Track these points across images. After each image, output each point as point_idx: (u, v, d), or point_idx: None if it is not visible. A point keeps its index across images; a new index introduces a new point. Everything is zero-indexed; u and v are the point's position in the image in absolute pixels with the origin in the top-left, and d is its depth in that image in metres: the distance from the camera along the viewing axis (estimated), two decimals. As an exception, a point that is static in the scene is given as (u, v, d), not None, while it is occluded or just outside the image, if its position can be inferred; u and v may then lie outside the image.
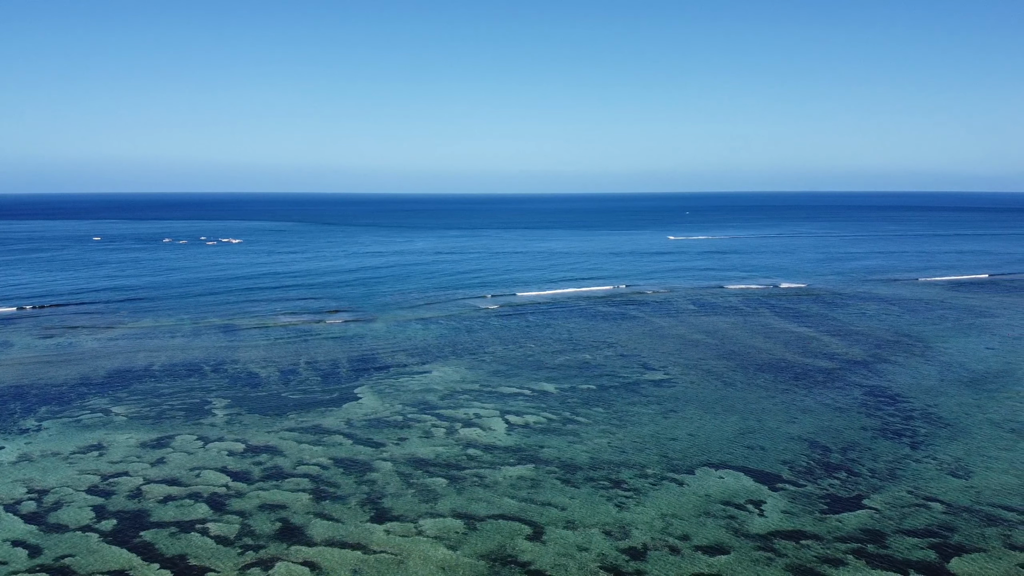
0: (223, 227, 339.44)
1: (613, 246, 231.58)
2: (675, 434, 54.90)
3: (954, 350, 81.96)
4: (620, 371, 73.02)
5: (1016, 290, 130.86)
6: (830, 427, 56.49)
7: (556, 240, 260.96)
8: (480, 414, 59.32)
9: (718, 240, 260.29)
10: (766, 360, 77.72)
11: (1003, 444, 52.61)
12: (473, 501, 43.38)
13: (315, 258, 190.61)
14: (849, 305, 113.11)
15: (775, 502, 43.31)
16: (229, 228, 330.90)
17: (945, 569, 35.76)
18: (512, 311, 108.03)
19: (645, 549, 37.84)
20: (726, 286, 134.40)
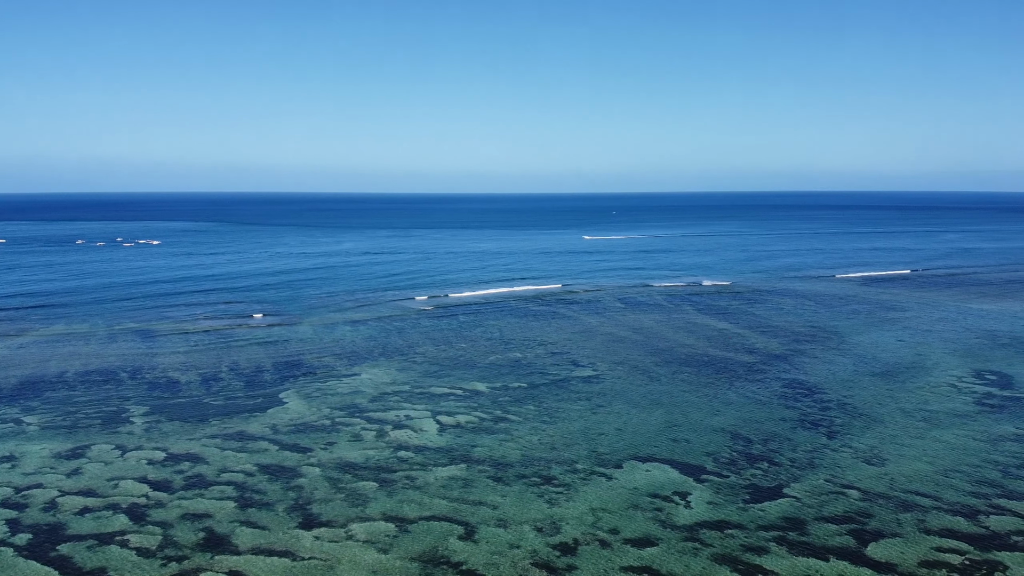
0: (141, 228, 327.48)
1: (543, 245, 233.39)
2: (604, 429, 55.73)
3: (867, 343, 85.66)
4: (550, 369, 73.67)
5: (925, 285, 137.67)
6: (751, 419, 58.30)
7: (487, 240, 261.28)
8: (411, 415, 58.95)
9: (633, 240, 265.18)
10: (690, 355, 79.64)
11: (915, 432, 55.24)
12: (404, 503, 43.08)
13: (238, 260, 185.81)
14: (768, 301, 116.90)
15: (700, 493, 44.45)
16: (148, 229, 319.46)
17: (863, 554, 37.33)
18: (443, 312, 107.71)
19: (576, 544, 38.30)
20: (652, 284, 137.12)
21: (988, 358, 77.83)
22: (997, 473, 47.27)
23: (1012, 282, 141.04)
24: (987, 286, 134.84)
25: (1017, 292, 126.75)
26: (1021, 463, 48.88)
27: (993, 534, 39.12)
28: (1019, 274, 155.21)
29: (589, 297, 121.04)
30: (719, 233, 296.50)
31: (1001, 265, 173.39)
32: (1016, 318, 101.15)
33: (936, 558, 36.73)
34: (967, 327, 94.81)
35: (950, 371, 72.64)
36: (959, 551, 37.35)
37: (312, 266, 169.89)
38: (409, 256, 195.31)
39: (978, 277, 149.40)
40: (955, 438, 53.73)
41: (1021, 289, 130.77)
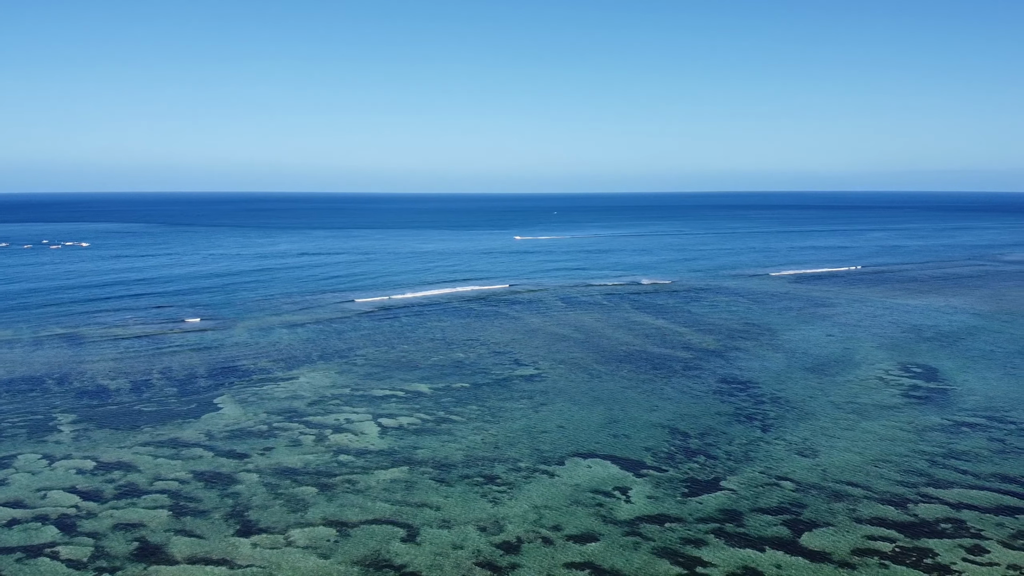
0: (70, 230, 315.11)
1: (485, 246, 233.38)
2: (546, 427, 56.07)
3: (799, 338, 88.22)
4: (493, 368, 73.74)
5: (853, 282, 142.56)
6: (688, 413, 59.45)
7: (429, 240, 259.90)
8: (351, 419, 58.25)
9: (570, 240, 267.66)
10: (629, 352, 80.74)
11: (845, 424, 57.12)
12: (345, 507, 42.56)
13: (170, 262, 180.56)
14: (704, 299, 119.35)
15: (640, 488, 45.11)
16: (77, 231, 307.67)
17: (797, 544, 38.42)
18: (384, 313, 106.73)
19: (519, 542, 38.43)
20: (593, 283, 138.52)
21: (913, 351, 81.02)
22: (924, 463, 49.23)
23: (935, 278, 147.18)
24: (911, 282, 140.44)
25: (940, 288, 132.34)
26: (947, 453, 51.02)
27: (922, 522, 40.71)
28: (941, 270, 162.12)
29: (531, 297, 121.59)
30: (658, 233, 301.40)
31: (924, 262, 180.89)
32: (939, 313, 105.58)
33: (868, 546, 38.05)
34: (893, 322, 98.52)
35: (878, 364, 75.36)
36: (890, 539, 38.76)
37: (247, 268, 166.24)
38: (348, 257, 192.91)
39: (903, 274, 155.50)
40: (883, 429, 55.76)
41: (943, 285, 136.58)
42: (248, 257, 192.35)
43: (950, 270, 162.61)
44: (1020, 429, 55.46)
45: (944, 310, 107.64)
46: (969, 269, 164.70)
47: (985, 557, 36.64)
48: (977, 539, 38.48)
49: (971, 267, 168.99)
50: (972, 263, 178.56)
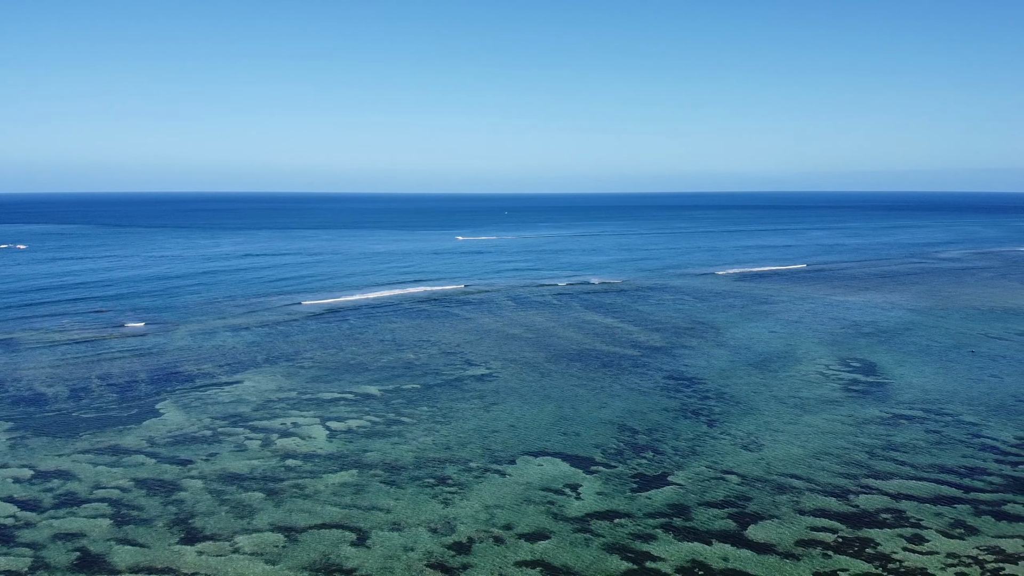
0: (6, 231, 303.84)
1: (435, 246, 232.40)
2: (497, 426, 56.11)
3: (742, 335, 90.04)
4: (443, 369, 73.48)
5: (795, 279, 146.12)
6: (636, 410, 60.17)
7: (377, 241, 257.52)
8: (298, 422, 57.40)
9: (513, 240, 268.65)
10: (579, 350, 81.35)
11: (788, 418, 58.49)
12: (293, 512, 41.93)
13: (109, 264, 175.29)
14: (652, 297, 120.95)
15: (590, 484, 45.49)
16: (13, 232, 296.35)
17: (743, 536, 39.19)
18: (332, 315, 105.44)
19: (470, 542, 38.39)
20: (543, 283, 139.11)
21: (853, 346, 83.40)
22: (864, 455, 50.70)
23: (873, 276, 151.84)
24: (851, 280, 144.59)
25: (878, 285, 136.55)
26: (885, 445, 52.63)
27: (863, 512, 41.91)
28: (879, 268, 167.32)
29: (482, 297, 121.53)
30: (607, 233, 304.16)
31: (863, 260, 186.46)
32: (877, 309, 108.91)
33: (811, 537, 39.02)
34: (833, 318, 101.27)
35: (819, 360, 77.36)
36: (832, 530, 39.80)
37: (189, 270, 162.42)
38: (294, 258, 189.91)
39: (843, 272, 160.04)
40: (825, 423, 57.27)
41: (882, 282, 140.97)
42: (190, 259, 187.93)
43: (888, 267, 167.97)
44: (956, 421, 57.54)
45: (882, 306, 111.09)
46: (906, 266, 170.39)
47: (924, 546, 37.89)
48: (916, 529, 39.77)
49: (908, 264, 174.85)
50: (909, 261, 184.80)
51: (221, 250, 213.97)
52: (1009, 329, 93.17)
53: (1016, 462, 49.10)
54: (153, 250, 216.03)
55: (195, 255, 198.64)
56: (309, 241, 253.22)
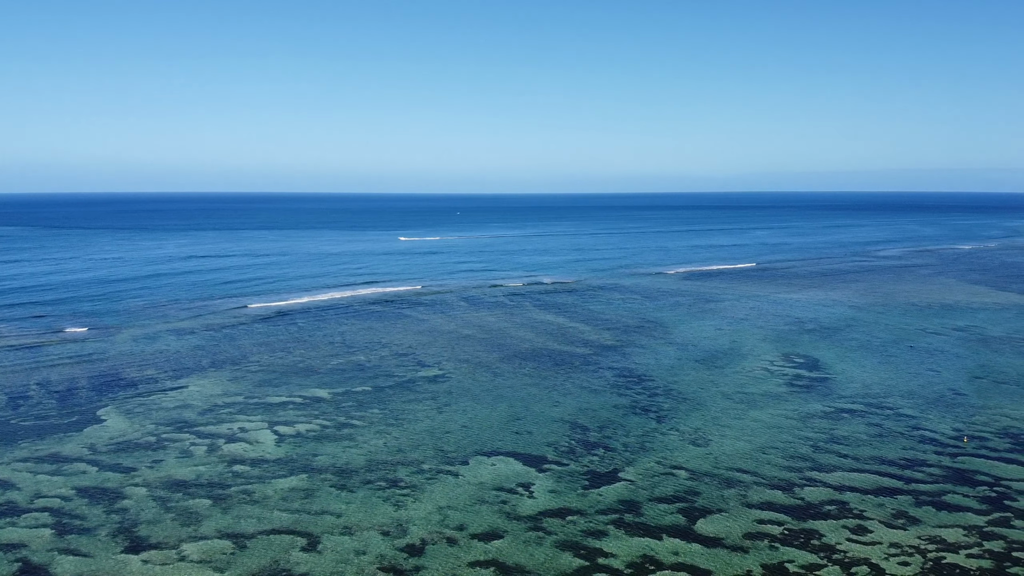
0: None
1: (384, 247, 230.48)
2: (449, 427, 55.95)
3: (690, 332, 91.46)
4: (395, 371, 72.96)
5: (740, 278, 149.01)
6: (588, 408, 60.66)
7: (325, 241, 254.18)
8: (246, 427, 56.38)
9: (464, 241, 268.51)
10: (531, 350, 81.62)
11: (734, 414, 59.60)
12: (241, 519, 41.15)
13: (48, 268, 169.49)
14: (601, 297, 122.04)
15: (543, 483, 45.69)
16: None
17: (693, 531, 39.81)
18: (280, 317, 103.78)
19: (423, 544, 38.20)
20: (494, 283, 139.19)
21: (796, 343, 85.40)
22: (808, 448, 51.95)
23: (816, 274, 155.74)
24: (794, 278, 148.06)
25: (820, 283, 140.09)
26: (829, 438, 54.01)
27: (808, 505, 42.94)
28: (821, 266, 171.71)
29: (434, 298, 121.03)
30: (558, 234, 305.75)
31: (806, 259, 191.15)
32: (820, 306, 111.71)
33: (758, 530, 39.83)
34: (777, 315, 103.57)
35: (763, 356, 79.03)
36: (778, 522, 40.69)
37: (132, 273, 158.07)
38: (240, 260, 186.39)
39: (787, 270, 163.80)
40: (770, 417, 58.52)
41: (823, 280, 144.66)
42: (133, 261, 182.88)
43: (830, 266, 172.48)
44: (896, 414, 59.36)
45: (824, 303, 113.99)
46: (847, 265, 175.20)
47: (868, 537, 38.99)
48: (860, 519, 40.91)
49: (849, 263, 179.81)
50: (850, 259, 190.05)
51: (165, 252, 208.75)
52: (946, 325, 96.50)
53: (955, 453, 50.88)
54: (94, 253, 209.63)
55: (138, 257, 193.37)
56: (256, 242, 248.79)
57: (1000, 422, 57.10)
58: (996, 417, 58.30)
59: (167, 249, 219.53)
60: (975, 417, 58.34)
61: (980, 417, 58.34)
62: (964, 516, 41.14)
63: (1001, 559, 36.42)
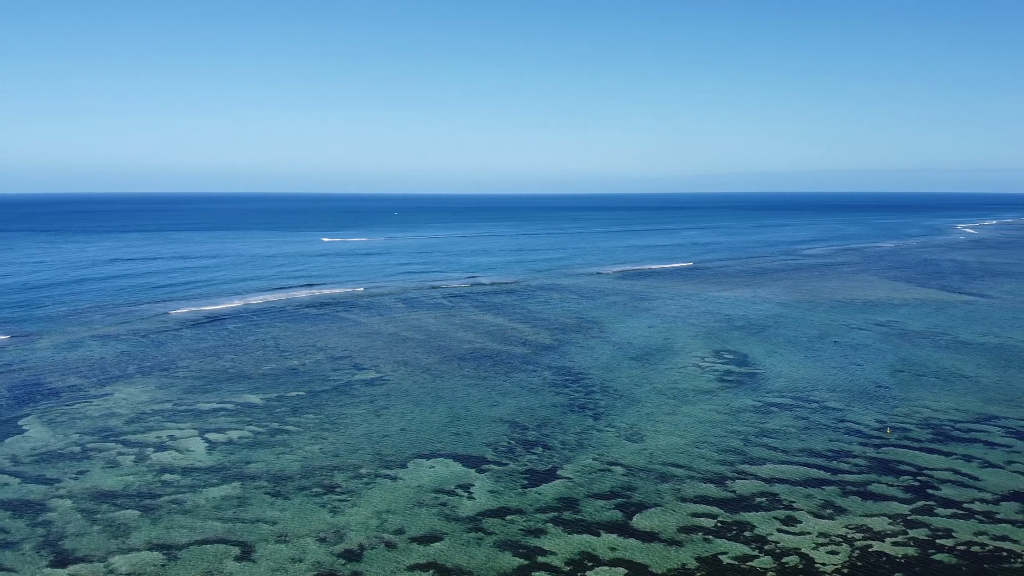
0: None
1: (318, 248, 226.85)
2: (387, 430, 55.49)
3: (625, 330, 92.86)
4: (331, 374, 71.94)
5: (672, 277, 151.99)
6: (527, 407, 60.99)
7: (255, 243, 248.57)
8: (175, 435, 54.80)
9: (379, 242, 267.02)
10: (470, 350, 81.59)
11: (668, 409, 60.76)
12: (171, 529, 40.00)
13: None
14: (539, 296, 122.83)
15: (482, 483, 45.74)
16: None
17: (629, 526, 40.43)
18: (209, 321, 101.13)
19: (361, 549, 37.80)
20: (432, 284, 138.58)
21: (726, 339, 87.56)
22: (739, 442, 53.34)
23: (744, 272, 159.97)
24: (724, 276, 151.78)
25: (749, 281, 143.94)
26: (758, 432, 55.55)
27: (740, 497, 44.08)
28: (750, 265, 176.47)
29: (371, 300, 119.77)
30: (497, 234, 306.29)
31: (735, 258, 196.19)
32: (748, 303, 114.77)
33: (693, 523, 40.71)
34: (708, 312, 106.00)
35: (695, 352, 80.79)
36: (712, 515, 41.66)
37: (53, 277, 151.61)
38: (166, 263, 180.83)
39: (717, 269, 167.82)
40: (702, 412, 59.88)
41: (752, 278, 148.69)
42: (54, 265, 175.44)
43: (758, 264, 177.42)
44: (822, 407, 61.44)
45: (753, 301, 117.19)
46: (775, 263, 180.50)
47: (797, 527, 40.25)
48: (789, 511, 42.19)
49: (777, 261, 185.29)
50: (777, 257, 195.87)
51: (88, 255, 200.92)
52: (869, 320, 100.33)
53: (878, 444, 52.95)
54: (12, 257, 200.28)
55: (59, 261, 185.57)
56: (183, 244, 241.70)
57: (921, 413, 59.68)
58: (917, 409, 60.91)
59: (90, 252, 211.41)
60: (897, 409, 60.84)
61: (902, 409, 60.86)
62: (889, 505, 42.86)
63: (925, 546, 38.05)
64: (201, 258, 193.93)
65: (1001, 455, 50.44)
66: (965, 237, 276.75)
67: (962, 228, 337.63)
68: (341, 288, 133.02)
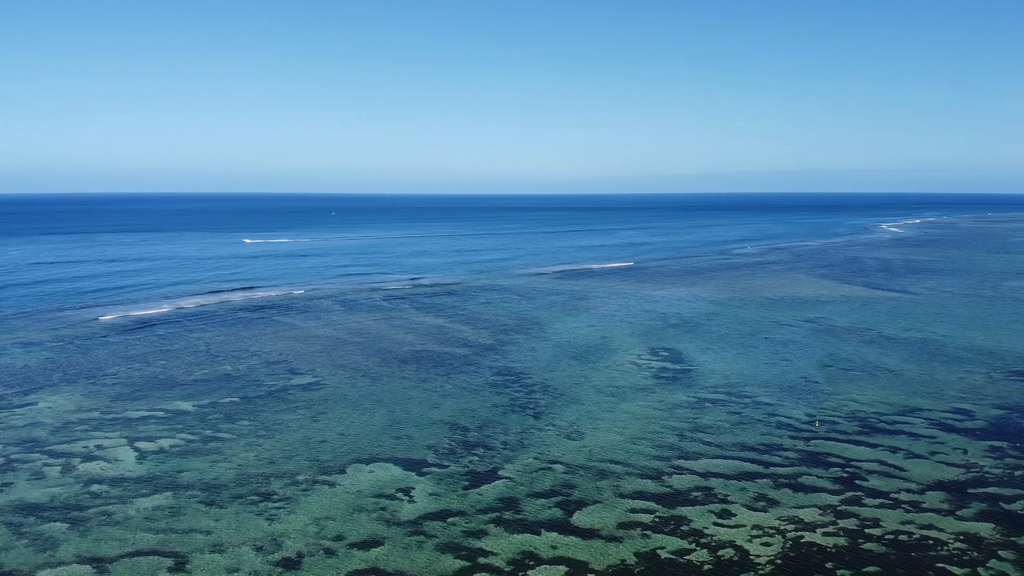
0: None
1: (252, 250, 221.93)
2: (325, 436, 54.72)
3: (563, 330, 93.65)
4: (265, 379, 70.53)
5: (609, 276, 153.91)
6: (468, 408, 60.96)
7: (184, 244, 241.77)
8: (103, 445, 52.96)
9: (314, 243, 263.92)
10: (410, 352, 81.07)
11: (606, 407, 61.53)
12: (101, 542, 38.66)
13: None
14: (479, 297, 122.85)
15: (423, 486, 45.54)
16: None
17: (570, 523, 40.81)
18: (138, 326, 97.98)
19: (300, 557, 37.20)
20: (370, 286, 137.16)
21: (662, 337, 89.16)
22: (675, 437, 54.38)
23: (678, 271, 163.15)
24: (659, 275, 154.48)
25: (682, 279, 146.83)
26: (694, 427, 56.72)
27: (676, 492, 44.94)
28: (683, 264, 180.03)
29: (307, 303, 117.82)
30: (435, 235, 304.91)
31: (669, 257, 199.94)
32: (682, 301, 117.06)
33: (631, 519, 41.33)
34: (644, 311, 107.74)
35: (632, 350, 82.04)
36: (650, 511, 42.37)
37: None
38: (93, 266, 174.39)
39: (652, 268, 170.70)
40: (639, 409, 60.84)
41: (686, 277, 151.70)
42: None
43: (691, 263, 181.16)
44: (754, 402, 63.10)
45: (687, 299, 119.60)
46: (707, 262, 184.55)
47: (732, 520, 41.26)
48: (724, 504, 43.22)
49: (709, 260, 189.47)
50: (709, 257, 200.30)
51: (7, 258, 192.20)
52: (797, 316, 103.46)
53: (808, 437, 54.67)
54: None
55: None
56: (110, 247, 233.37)
57: (848, 407, 61.86)
58: (845, 402, 63.11)
59: (10, 255, 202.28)
60: (826, 403, 62.93)
61: (830, 402, 62.98)
62: (819, 496, 44.29)
63: (855, 536, 39.45)
64: (129, 261, 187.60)
65: (925, 446, 52.67)
66: (889, 236, 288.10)
67: (886, 227, 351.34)
68: (277, 291, 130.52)
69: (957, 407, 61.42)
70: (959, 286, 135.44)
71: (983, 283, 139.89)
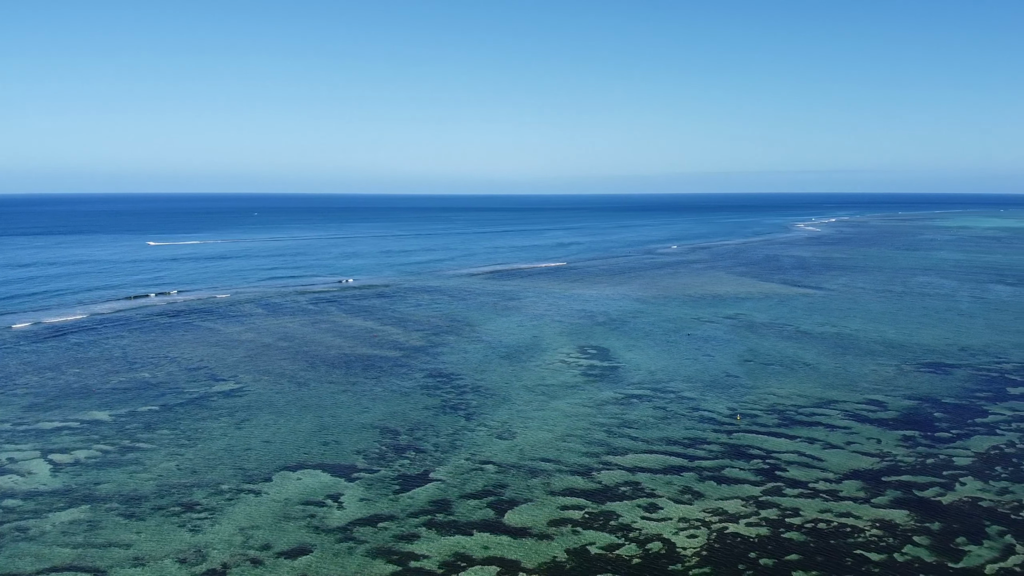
0: None
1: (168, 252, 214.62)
2: (250, 443, 53.47)
3: (494, 329, 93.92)
4: (186, 387, 68.41)
5: (538, 276, 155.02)
6: (398, 411, 60.52)
7: (96, 247, 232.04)
8: (15, 458, 50.49)
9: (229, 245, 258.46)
10: (338, 356, 79.91)
11: (536, 406, 62.01)
12: (15, 558, 36.87)
13: None
14: (410, 298, 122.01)
15: (352, 492, 44.99)
16: None
17: (501, 523, 40.99)
18: (49, 334, 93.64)
19: (225, 568, 36.28)
20: (295, 288, 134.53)
21: (589, 335, 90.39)
22: (603, 434, 55.22)
23: (604, 271, 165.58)
24: (586, 274, 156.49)
25: (608, 278, 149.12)
26: (621, 423, 57.71)
27: (605, 488, 45.65)
28: (609, 263, 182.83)
29: (229, 307, 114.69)
30: (363, 235, 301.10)
31: (596, 256, 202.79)
32: (609, 300, 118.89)
33: (562, 516, 41.80)
34: (572, 310, 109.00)
35: (561, 349, 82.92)
36: (580, 507, 42.93)
37: None
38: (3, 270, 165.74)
39: (580, 268, 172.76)
40: (569, 407, 61.56)
41: (611, 276, 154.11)
42: None
43: (617, 262, 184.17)
44: (678, 397, 64.60)
45: (613, 298, 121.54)
46: (632, 261, 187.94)
47: (659, 513, 42.16)
48: (651, 498, 44.14)
49: (633, 259, 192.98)
50: (635, 256, 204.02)
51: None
52: (718, 313, 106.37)
53: (730, 431, 56.30)
54: None
55: None
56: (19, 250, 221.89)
57: (768, 400, 63.97)
58: (764, 396, 65.24)
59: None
60: (746, 397, 64.93)
61: (751, 396, 65.01)
62: (742, 488, 45.69)
63: (776, 525, 40.84)
64: (40, 265, 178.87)
65: (841, 436, 54.93)
66: (805, 234, 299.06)
67: (802, 226, 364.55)
68: (198, 295, 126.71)
69: (870, 398, 64.27)
70: (871, 282, 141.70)
71: (893, 279, 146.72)
